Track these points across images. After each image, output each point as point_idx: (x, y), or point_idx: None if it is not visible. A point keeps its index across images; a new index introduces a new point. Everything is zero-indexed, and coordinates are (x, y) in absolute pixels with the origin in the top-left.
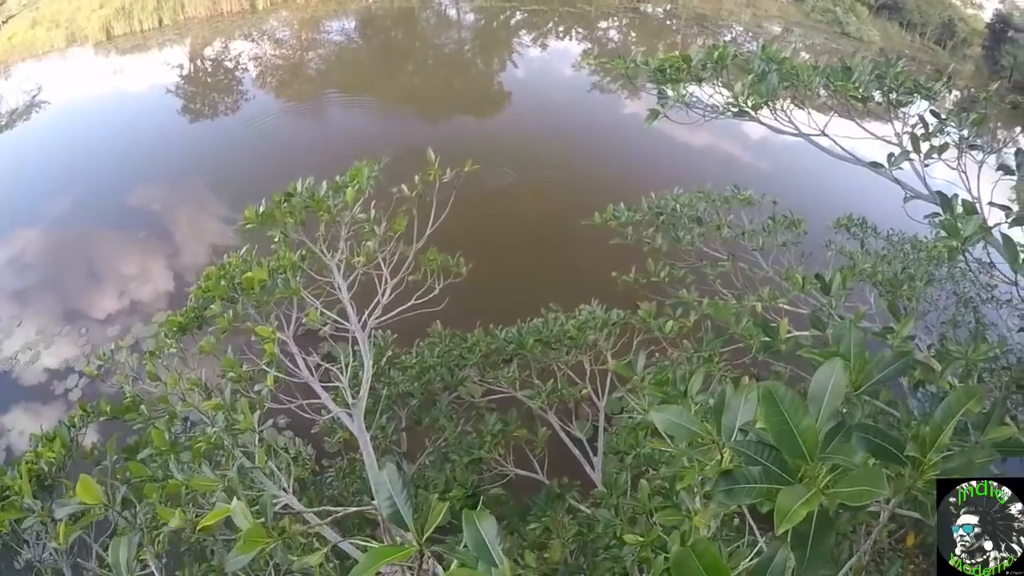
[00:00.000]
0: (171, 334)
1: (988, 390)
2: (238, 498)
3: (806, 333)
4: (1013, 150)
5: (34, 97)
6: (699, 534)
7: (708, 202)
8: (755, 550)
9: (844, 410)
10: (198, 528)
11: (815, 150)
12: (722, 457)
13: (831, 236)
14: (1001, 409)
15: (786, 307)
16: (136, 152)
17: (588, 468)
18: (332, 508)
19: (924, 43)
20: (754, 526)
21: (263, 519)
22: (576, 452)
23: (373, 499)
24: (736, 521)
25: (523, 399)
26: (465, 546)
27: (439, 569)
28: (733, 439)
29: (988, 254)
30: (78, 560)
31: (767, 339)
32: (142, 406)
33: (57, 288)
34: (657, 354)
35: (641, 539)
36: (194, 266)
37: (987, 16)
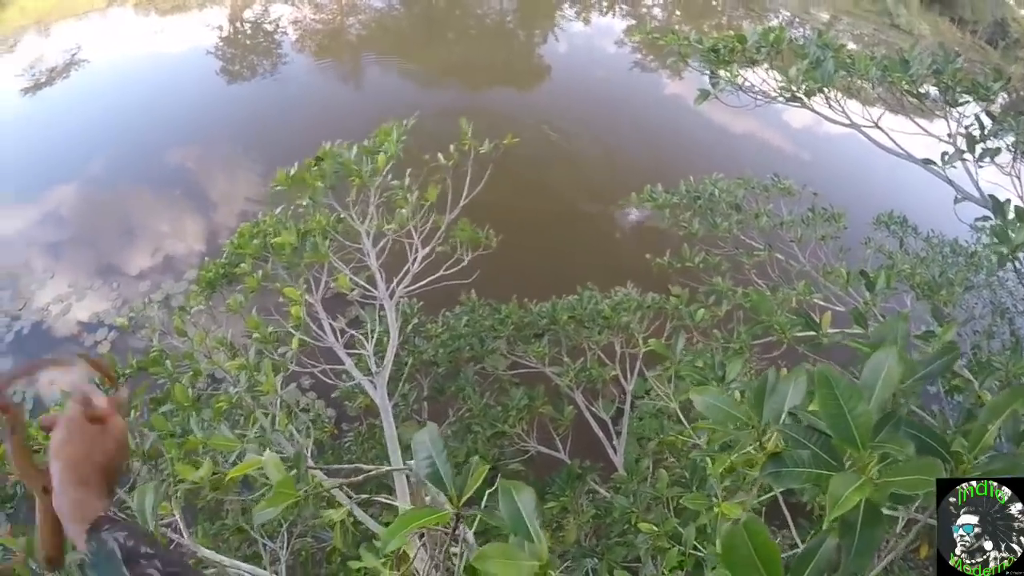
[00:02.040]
0: (201, 289)
1: None
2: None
3: (840, 331)
4: None
5: (73, 56)
6: (725, 523)
7: (747, 189)
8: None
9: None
10: (227, 479)
11: (856, 144)
12: (760, 442)
13: (870, 233)
14: None
15: (820, 302)
16: (173, 112)
17: (610, 451)
18: (362, 466)
19: (975, 41)
20: (788, 518)
21: (295, 472)
22: (600, 434)
23: (390, 465)
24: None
25: (551, 375)
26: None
27: (470, 536)
28: (781, 422)
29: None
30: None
31: (810, 332)
32: (167, 361)
33: (90, 244)
34: (687, 342)
35: (656, 529)
36: (227, 226)
37: None
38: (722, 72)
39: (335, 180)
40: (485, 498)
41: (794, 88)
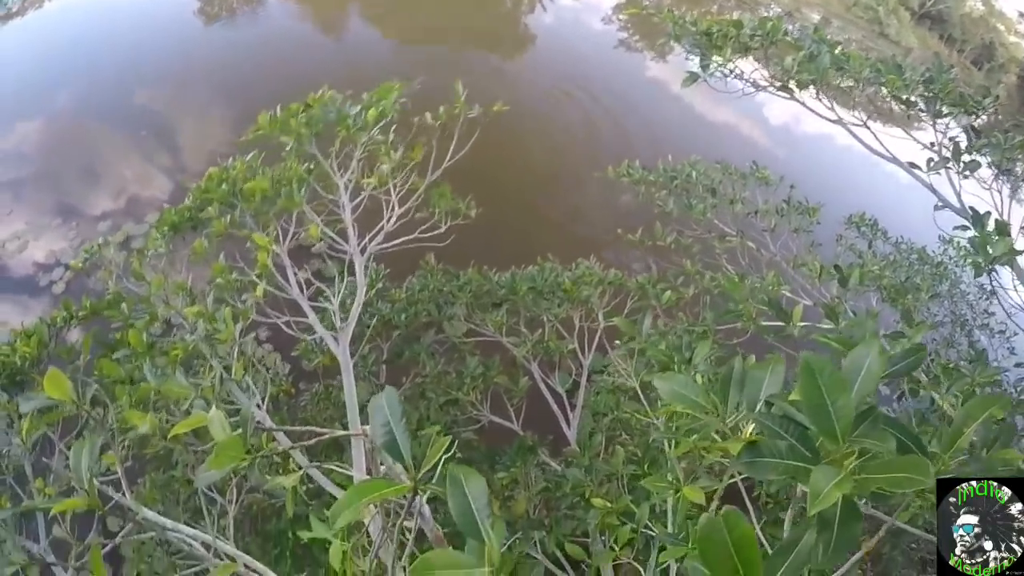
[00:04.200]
0: (163, 232)
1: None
2: (215, 407)
3: (809, 324)
4: None
5: None
6: (687, 505)
7: (725, 174)
8: None
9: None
10: (169, 435)
11: (831, 148)
12: (724, 430)
13: (840, 232)
14: (1009, 433)
15: (788, 294)
16: (146, 52)
17: (564, 425)
18: (316, 429)
19: (961, 60)
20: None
21: (241, 433)
22: (554, 407)
23: (347, 428)
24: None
25: (508, 345)
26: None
27: (426, 509)
28: (757, 411)
29: (992, 282)
30: (42, 458)
31: (779, 323)
32: (123, 304)
33: (51, 182)
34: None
35: (609, 505)
36: (194, 172)
37: None
38: (714, 56)
39: (320, 129)
40: (439, 468)
41: (787, 79)
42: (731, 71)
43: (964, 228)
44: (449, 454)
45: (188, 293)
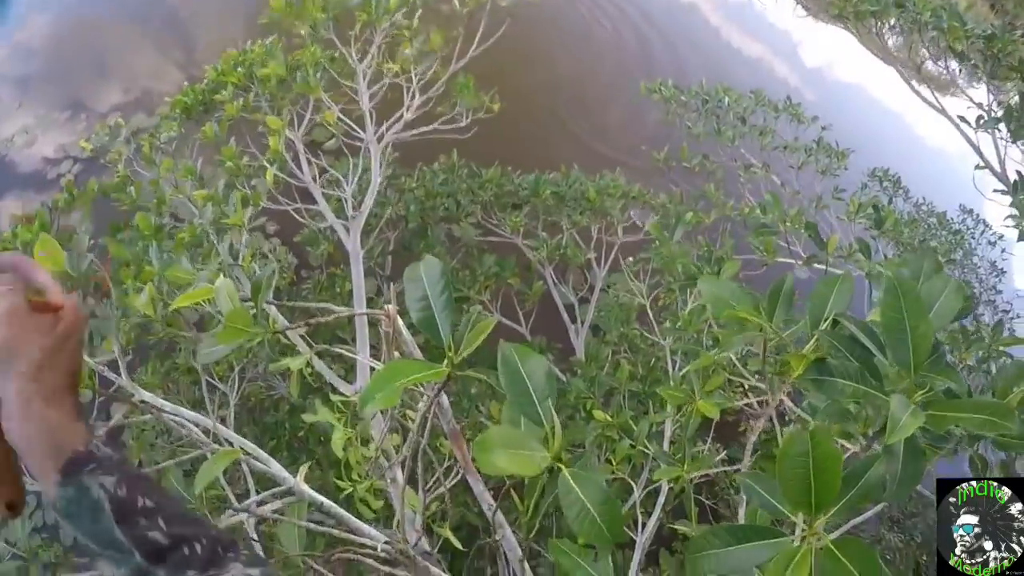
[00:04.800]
0: (174, 115)
1: None
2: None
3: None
4: None
5: None
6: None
7: (758, 104)
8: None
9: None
10: (172, 307)
11: (866, 97)
12: (764, 347)
13: (865, 183)
14: None
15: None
16: None
17: (571, 334)
18: (332, 306)
19: (1018, 32)
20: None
21: (251, 305)
22: (564, 315)
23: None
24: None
25: (524, 248)
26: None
27: (445, 401)
28: (824, 328)
29: (1003, 257)
30: None
31: (813, 254)
32: (131, 188)
33: (61, 76)
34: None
35: (609, 419)
36: (208, 64)
37: None
38: None
39: (340, 13)
40: (500, 355)
41: (846, 6)
42: None
43: (1003, 192)
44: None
45: (198, 178)
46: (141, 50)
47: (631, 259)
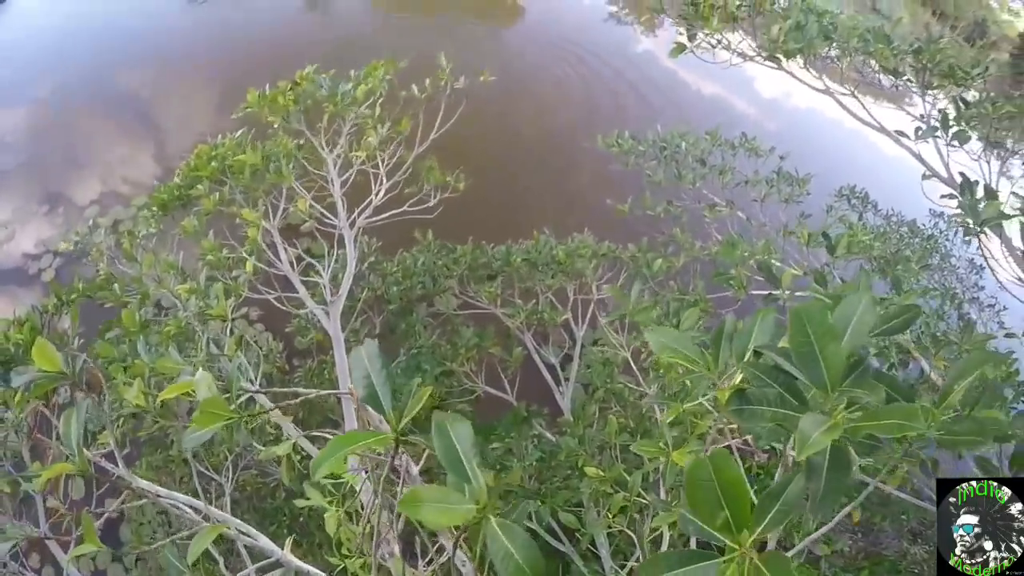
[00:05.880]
0: (153, 212)
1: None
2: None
3: (799, 291)
4: None
5: None
6: (676, 471)
7: (714, 145)
8: None
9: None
10: (159, 399)
11: (824, 120)
12: (716, 384)
13: (832, 204)
14: (992, 394)
15: (777, 264)
16: (127, 34)
17: (557, 395)
18: (300, 390)
19: (952, 36)
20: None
21: (228, 396)
22: (548, 377)
23: (340, 402)
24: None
25: (502, 317)
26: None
27: (412, 467)
28: (746, 360)
29: (979, 255)
30: (38, 436)
31: (769, 291)
32: (115, 286)
33: (37, 170)
34: (642, 292)
35: (602, 474)
36: (181, 154)
37: (1022, 25)
38: (702, 27)
39: (308, 106)
40: (433, 426)
41: (774, 48)
42: (718, 42)
43: (951, 197)
44: (432, 404)
45: (179, 272)
46: (114, 141)
47: (606, 315)
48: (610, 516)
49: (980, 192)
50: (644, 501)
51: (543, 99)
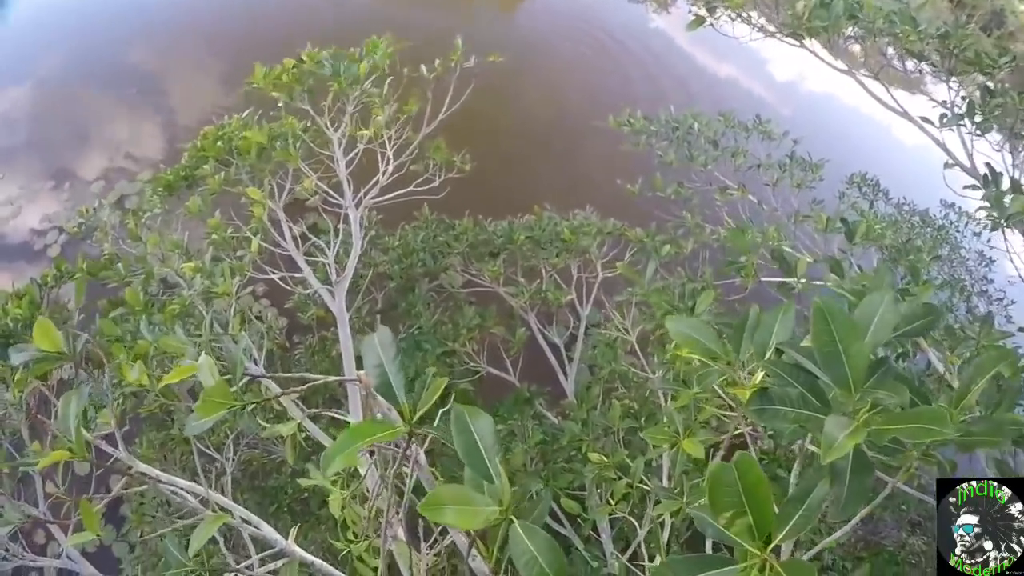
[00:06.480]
0: (158, 192)
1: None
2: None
3: (814, 280)
4: None
5: None
6: (684, 460)
7: (728, 126)
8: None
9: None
10: (160, 384)
11: (840, 106)
12: (738, 378)
13: (844, 191)
14: (1014, 395)
15: (788, 250)
16: (135, 8)
17: (561, 376)
18: (309, 375)
19: (971, 26)
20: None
21: (231, 379)
22: (551, 358)
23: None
24: None
25: (505, 296)
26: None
27: (421, 456)
28: (767, 358)
29: (990, 247)
30: (39, 416)
31: (780, 279)
32: (119, 265)
33: (44, 146)
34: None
35: (605, 459)
36: (187, 130)
37: None
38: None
39: (312, 84)
40: (438, 417)
41: (798, 25)
42: (738, 15)
43: (974, 187)
44: (442, 401)
45: (184, 251)
46: (121, 116)
47: (620, 293)
48: (612, 502)
49: (1005, 185)
50: (647, 488)
51: (552, 79)
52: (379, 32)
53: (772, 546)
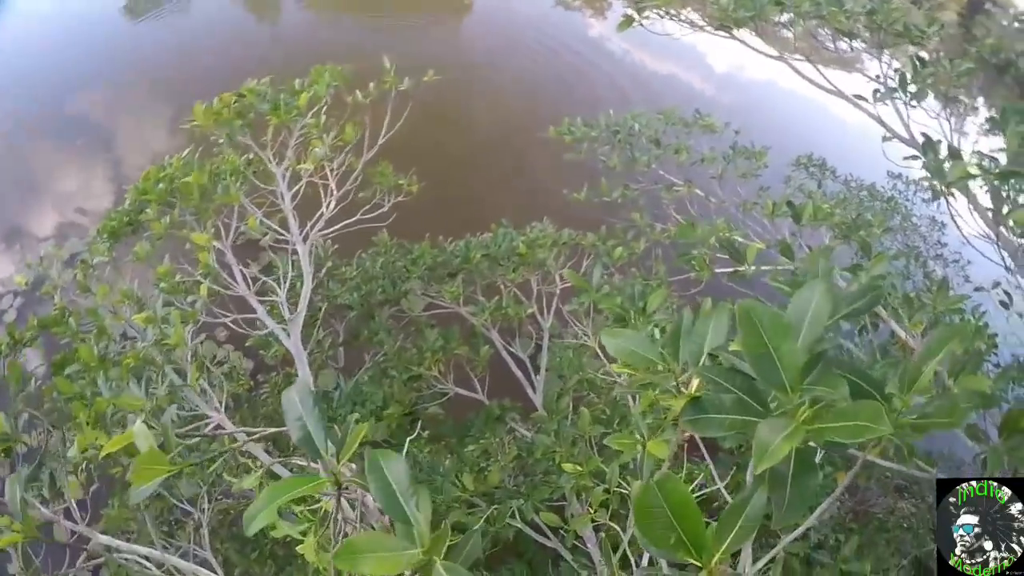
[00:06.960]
0: (103, 240)
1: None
2: (145, 422)
3: (764, 266)
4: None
5: None
6: (653, 463)
7: (668, 124)
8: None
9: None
10: (101, 455)
11: (779, 91)
12: (678, 384)
13: (789, 174)
14: (977, 359)
15: (740, 239)
16: (74, 57)
17: (529, 389)
18: (259, 429)
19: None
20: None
21: (165, 444)
22: (518, 373)
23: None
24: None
25: (466, 315)
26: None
27: (369, 500)
28: (701, 364)
29: (949, 209)
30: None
31: (734, 268)
32: (70, 319)
33: None
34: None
35: (580, 468)
36: (136, 176)
37: None
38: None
39: (253, 118)
40: (367, 464)
41: (725, 17)
42: (666, 12)
43: (914, 158)
44: (370, 439)
45: (135, 300)
46: (68, 168)
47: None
48: (592, 510)
49: (944, 152)
50: (625, 492)
51: (496, 92)
52: (321, 60)
53: (717, 559)
